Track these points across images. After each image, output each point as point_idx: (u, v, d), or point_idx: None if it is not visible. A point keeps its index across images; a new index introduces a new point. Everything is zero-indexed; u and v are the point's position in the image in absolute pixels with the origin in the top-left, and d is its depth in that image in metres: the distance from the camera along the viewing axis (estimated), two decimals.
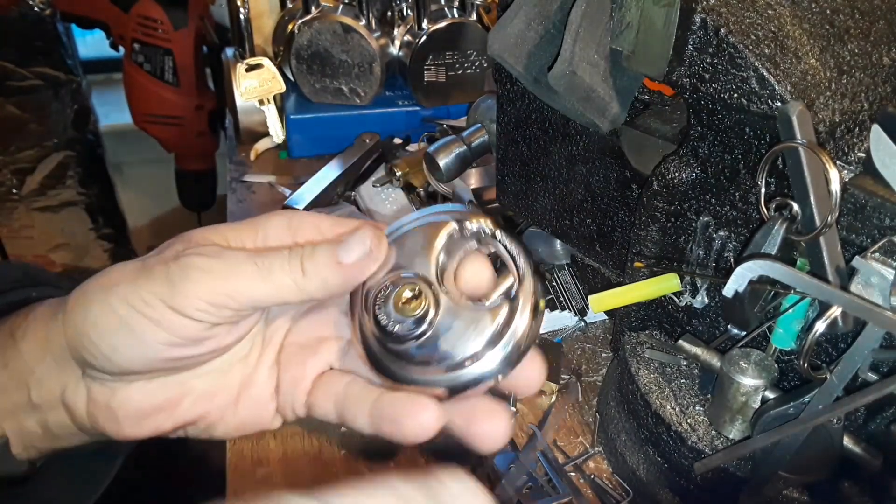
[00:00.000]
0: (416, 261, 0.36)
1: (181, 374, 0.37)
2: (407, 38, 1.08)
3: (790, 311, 0.45)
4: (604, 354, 0.70)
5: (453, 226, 0.36)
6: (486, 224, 0.36)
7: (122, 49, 1.49)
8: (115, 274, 0.35)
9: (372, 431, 0.35)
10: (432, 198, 0.93)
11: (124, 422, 0.37)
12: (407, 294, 0.39)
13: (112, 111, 1.86)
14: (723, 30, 0.42)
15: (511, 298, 0.35)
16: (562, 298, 0.73)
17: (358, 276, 0.35)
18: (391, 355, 0.35)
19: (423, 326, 0.36)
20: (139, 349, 0.34)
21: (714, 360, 0.50)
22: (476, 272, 0.36)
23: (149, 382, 0.37)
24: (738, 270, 0.42)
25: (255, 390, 0.39)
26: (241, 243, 0.36)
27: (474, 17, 1.07)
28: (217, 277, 0.33)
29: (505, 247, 0.36)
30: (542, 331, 0.72)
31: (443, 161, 0.85)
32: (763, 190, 0.43)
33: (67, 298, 0.35)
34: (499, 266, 0.43)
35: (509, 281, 0.37)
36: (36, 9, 1.41)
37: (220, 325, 0.35)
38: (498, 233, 0.36)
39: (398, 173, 0.95)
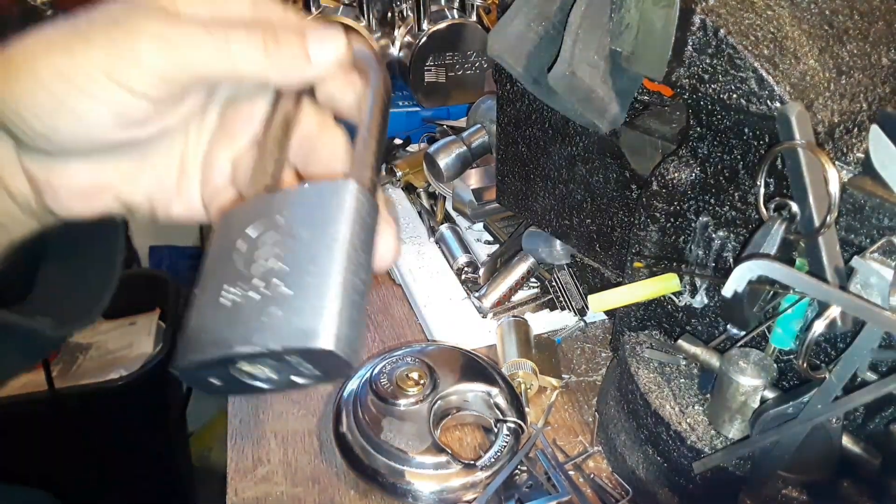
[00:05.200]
0: None
1: (126, 153, 0.34)
2: (407, 38, 1.08)
3: (789, 310, 0.45)
4: (603, 354, 0.71)
5: None
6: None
7: None
8: (41, 41, 0.30)
9: None
10: (433, 198, 0.93)
11: (68, 199, 0.34)
12: (413, 376, 0.57)
13: None
14: (722, 31, 0.42)
15: None
16: (562, 298, 0.73)
17: (318, 75, 0.33)
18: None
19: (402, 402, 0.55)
20: (81, 130, 0.30)
21: (713, 360, 0.50)
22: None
23: (89, 162, 0.33)
24: (738, 270, 0.42)
25: (193, 178, 0.36)
26: (194, 11, 0.32)
27: (474, 18, 1.07)
28: (169, 46, 0.29)
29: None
30: (542, 330, 0.72)
31: (443, 161, 0.85)
32: (762, 190, 0.43)
33: None
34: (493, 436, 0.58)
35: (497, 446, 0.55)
36: (38, 9, 1.41)
37: (165, 103, 0.31)
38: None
39: (398, 173, 0.95)
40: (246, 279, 0.29)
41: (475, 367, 0.62)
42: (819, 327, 0.41)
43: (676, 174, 0.50)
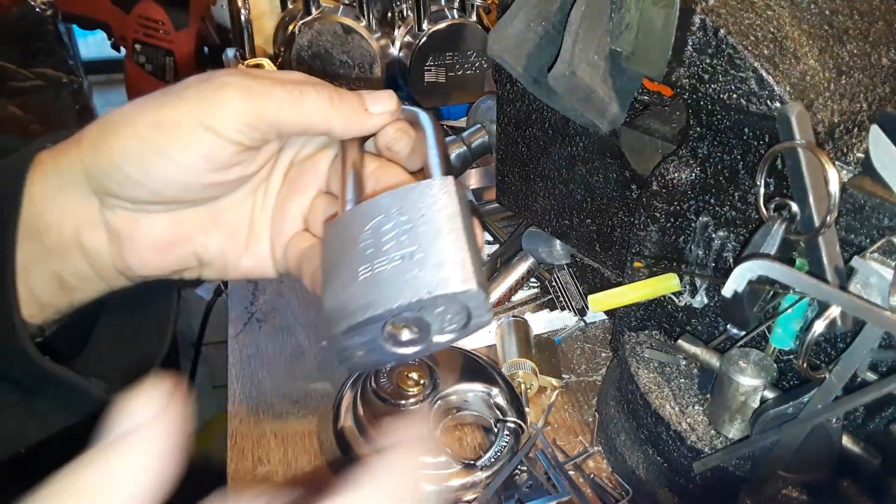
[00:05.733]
0: None
1: (204, 205, 0.38)
2: (407, 38, 1.08)
3: (789, 310, 0.45)
4: (603, 354, 0.71)
5: None
6: None
7: (123, 50, 1.49)
8: (138, 103, 0.34)
9: (311, 290, 0.37)
10: None
11: (148, 252, 0.37)
12: (413, 376, 0.53)
13: None
14: (722, 30, 0.42)
15: None
16: (561, 298, 0.73)
17: (376, 125, 0.37)
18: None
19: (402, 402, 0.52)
20: (173, 174, 0.34)
21: (713, 360, 0.50)
22: None
23: (172, 212, 0.37)
24: (737, 270, 0.42)
25: (261, 234, 0.40)
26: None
27: (474, 18, 1.07)
28: (252, 95, 0.33)
29: None
30: (542, 330, 0.72)
31: None
32: (762, 190, 0.43)
33: (81, 133, 0.35)
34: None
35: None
36: (37, 9, 1.41)
37: (247, 150, 0.35)
38: None
39: None
40: (380, 256, 0.31)
41: (475, 367, 0.62)
42: (819, 327, 0.41)
43: (676, 174, 0.50)
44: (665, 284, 0.52)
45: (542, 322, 0.73)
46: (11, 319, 0.34)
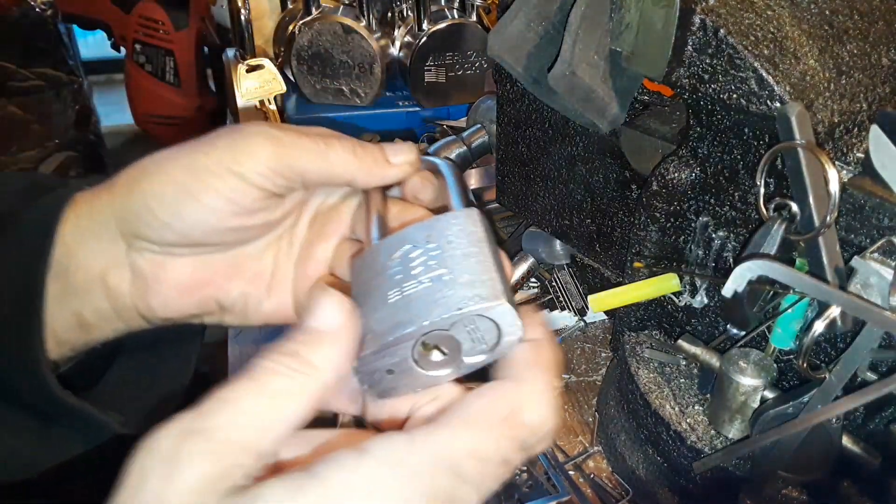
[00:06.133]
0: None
1: (229, 250, 0.39)
2: (407, 38, 1.08)
3: (789, 310, 0.45)
4: (603, 354, 0.71)
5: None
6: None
7: (123, 50, 1.50)
8: (171, 151, 0.36)
9: None
10: None
11: (172, 294, 0.38)
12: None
13: (113, 111, 1.86)
14: (722, 30, 0.42)
15: None
16: (561, 298, 0.73)
17: (397, 175, 0.39)
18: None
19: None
20: (201, 216, 0.35)
21: (713, 360, 0.50)
22: None
23: (197, 256, 0.38)
24: (737, 270, 0.42)
25: (283, 280, 0.41)
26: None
27: (474, 17, 1.07)
28: (279, 144, 0.35)
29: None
30: None
31: None
32: (762, 190, 0.43)
33: (114, 178, 0.36)
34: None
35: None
36: (37, 9, 1.41)
37: (272, 197, 0.36)
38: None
39: None
40: (409, 280, 0.32)
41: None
42: (819, 327, 0.41)
43: (676, 174, 0.50)
44: (665, 284, 0.52)
45: None
46: (36, 353, 0.36)
